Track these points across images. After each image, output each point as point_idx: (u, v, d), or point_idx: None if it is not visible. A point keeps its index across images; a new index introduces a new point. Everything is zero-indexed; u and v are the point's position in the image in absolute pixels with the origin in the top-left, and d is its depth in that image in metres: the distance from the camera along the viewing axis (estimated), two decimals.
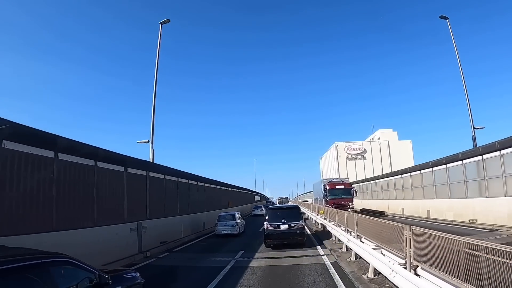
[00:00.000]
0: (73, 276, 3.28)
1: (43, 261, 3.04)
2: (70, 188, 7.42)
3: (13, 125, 5.77)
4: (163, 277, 7.44)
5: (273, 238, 10.90)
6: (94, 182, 8.35)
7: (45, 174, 6.66)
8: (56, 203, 6.85)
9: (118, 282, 3.96)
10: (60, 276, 3.13)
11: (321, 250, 10.33)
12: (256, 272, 7.52)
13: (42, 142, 6.65)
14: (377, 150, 61.15)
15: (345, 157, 61.83)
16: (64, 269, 3.24)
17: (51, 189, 6.82)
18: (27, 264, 2.89)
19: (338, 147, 63.42)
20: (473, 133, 17.96)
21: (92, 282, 3.39)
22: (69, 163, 7.43)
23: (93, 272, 3.49)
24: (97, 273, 3.51)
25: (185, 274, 7.74)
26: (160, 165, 13.68)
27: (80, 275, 3.34)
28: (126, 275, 4.47)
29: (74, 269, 3.33)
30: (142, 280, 4.61)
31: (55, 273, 3.08)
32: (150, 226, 10.96)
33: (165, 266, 8.78)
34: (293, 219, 11.02)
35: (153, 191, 12.14)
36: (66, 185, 7.30)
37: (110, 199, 9.14)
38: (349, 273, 6.77)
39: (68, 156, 7.36)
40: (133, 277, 4.52)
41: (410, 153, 59.26)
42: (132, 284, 4.34)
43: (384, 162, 59.35)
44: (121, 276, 4.27)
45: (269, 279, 6.91)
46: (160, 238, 11.62)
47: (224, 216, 15.66)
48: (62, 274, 3.17)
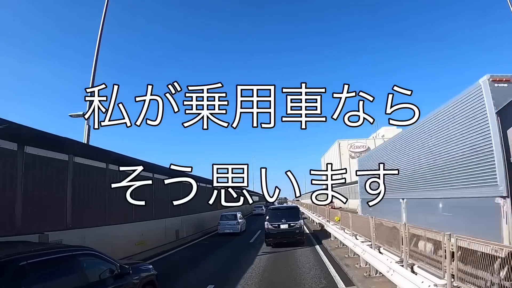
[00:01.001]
0: (98, 266, 3.85)
1: (72, 253, 3.62)
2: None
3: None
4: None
5: (273, 237, 11.78)
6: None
7: None
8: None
9: (136, 273, 4.61)
10: (87, 266, 3.70)
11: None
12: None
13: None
14: None
15: (348, 155, 62.09)
16: (90, 260, 3.83)
17: None
18: (61, 256, 3.48)
19: (341, 144, 63.90)
20: None
21: (113, 272, 3.96)
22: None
23: (115, 263, 4.07)
24: (118, 264, 4.10)
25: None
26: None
27: (104, 266, 3.91)
28: (142, 267, 5.18)
29: (98, 261, 3.92)
30: (155, 272, 5.23)
31: (83, 264, 3.66)
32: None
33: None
34: (292, 219, 11.90)
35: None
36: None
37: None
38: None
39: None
40: (148, 268, 5.20)
41: None
42: (148, 274, 5.01)
43: None
44: (137, 268, 4.89)
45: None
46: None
47: (226, 216, 16.95)
48: (88, 265, 3.74)
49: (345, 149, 63.39)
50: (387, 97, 4.58)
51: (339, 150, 64.22)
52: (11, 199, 5.91)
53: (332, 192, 4.85)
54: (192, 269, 8.54)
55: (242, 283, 6.90)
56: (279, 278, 7.30)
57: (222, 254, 11.07)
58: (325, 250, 10.66)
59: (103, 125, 4.91)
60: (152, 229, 11.46)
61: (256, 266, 8.57)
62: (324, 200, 5.04)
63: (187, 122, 4.92)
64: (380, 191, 4.82)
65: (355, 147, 63.22)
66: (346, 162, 61.64)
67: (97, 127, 4.93)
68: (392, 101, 4.60)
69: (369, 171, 5.31)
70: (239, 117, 4.86)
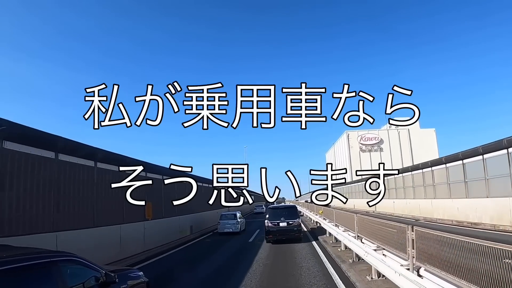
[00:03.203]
0: (80, 274, 3.76)
1: (52, 259, 3.46)
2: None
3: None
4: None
5: (273, 234, 13.51)
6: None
7: None
8: None
9: (123, 281, 4.51)
10: (68, 274, 3.58)
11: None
12: None
13: None
14: (395, 140, 60.17)
15: (358, 148, 60.85)
16: (71, 267, 3.71)
17: None
18: (36, 262, 3.30)
19: (350, 136, 61.88)
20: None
21: (98, 280, 3.87)
22: None
23: (99, 271, 3.98)
24: (103, 272, 4.01)
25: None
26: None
27: (87, 273, 3.82)
28: (130, 274, 5.07)
29: (81, 268, 3.82)
30: (146, 279, 5.23)
31: (63, 271, 3.52)
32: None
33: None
34: (290, 217, 13.76)
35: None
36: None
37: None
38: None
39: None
40: (137, 276, 5.13)
41: (434, 144, 58.37)
42: (137, 282, 4.93)
43: (405, 154, 58.54)
44: (126, 275, 4.81)
45: None
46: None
47: (226, 215, 18.56)
48: (70, 273, 3.63)
49: (354, 141, 61.78)
50: (387, 97, 5.07)
51: (348, 142, 62.32)
52: None
53: (332, 192, 5.40)
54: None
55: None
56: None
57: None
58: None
59: (103, 125, 5.43)
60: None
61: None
62: (324, 200, 5.57)
63: (187, 122, 5.44)
64: (380, 191, 5.38)
65: (366, 139, 61.40)
66: (356, 156, 60.82)
67: (97, 127, 5.43)
68: (392, 101, 5.10)
69: (369, 171, 5.85)
70: (239, 117, 5.38)
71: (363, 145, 60.95)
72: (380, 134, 61.13)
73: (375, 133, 61.49)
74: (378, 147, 60.60)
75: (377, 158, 58.02)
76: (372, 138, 60.99)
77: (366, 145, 60.97)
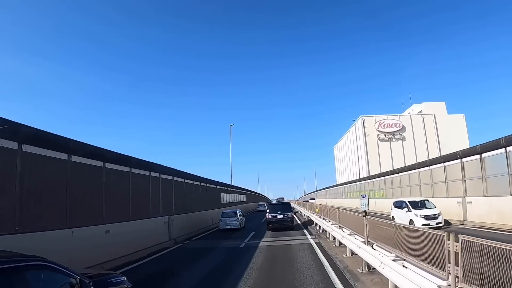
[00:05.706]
0: (52, 281, 3.75)
1: (16, 265, 3.40)
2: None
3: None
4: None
5: (272, 223, 20.35)
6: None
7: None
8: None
9: (102, 287, 4.56)
10: (37, 281, 3.58)
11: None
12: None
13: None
14: (419, 127, 56.06)
15: (375, 136, 56.47)
16: (42, 273, 3.68)
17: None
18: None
19: (366, 122, 57.39)
20: None
21: (73, 287, 3.89)
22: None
23: (74, 276, 3.97)
24: (78, 278, 4.01)
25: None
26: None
27: (60, 279, 3.81)
28: (111, 279, 5.05)
29: (53, 274, 3.80)
30: (129, 284, 5.22)
31: (31, 278, 3.51)
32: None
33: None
34: (285, 211, 20.99)
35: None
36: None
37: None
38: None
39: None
40: (119, 281, 5.08)
41: (464, 131, 54.72)
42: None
43: (430, 143, 54.63)
44: (105, 281, 4.85)
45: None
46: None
47: (227, 213, 22.77)
48: (39, 279, 3.62)
49: (371, 129, 56.94)
50: None
51: (363, 130, 57.40)
52: None
53: None
54: None
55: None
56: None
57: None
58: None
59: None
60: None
61: None
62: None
63: None
64: None
65: (385, 125, 56.70)
66: (373, 146, 55.85)
67: None
68: None
69: None
70: None
71: (381, 133, 56.74)
72: (402, 120, 57.21)
73: (395, 119, 57.50)
74: (399, 135, 56.63)
75: (399, 149, 55.14)
76: (393, 124, 56.79)
77: (386, 133, 56.72)
